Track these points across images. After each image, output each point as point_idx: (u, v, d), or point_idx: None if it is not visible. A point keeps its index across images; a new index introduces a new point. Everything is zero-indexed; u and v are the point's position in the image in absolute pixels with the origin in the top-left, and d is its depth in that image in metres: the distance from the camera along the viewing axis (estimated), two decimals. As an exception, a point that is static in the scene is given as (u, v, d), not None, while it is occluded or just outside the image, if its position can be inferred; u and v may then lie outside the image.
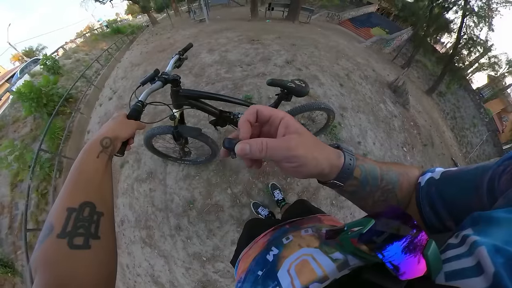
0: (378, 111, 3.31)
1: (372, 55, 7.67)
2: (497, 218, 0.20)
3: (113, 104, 4.35)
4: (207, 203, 1.99)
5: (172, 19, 10.73)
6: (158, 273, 1.95)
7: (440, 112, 10.48)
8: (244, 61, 3.65)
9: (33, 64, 11.56)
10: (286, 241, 0.44)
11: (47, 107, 5.22)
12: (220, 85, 3.06)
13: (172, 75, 0.98)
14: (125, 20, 24.83)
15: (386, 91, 4.29)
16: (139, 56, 6.46)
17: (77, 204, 0.32)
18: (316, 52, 4.34)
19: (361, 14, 15.58)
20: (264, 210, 1.82)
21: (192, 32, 7.22)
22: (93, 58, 8.25)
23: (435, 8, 10.46)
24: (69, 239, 0.29)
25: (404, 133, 3.41)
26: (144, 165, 2.48)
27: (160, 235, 2.03)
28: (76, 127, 4.96)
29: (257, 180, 2.03)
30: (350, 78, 3.73)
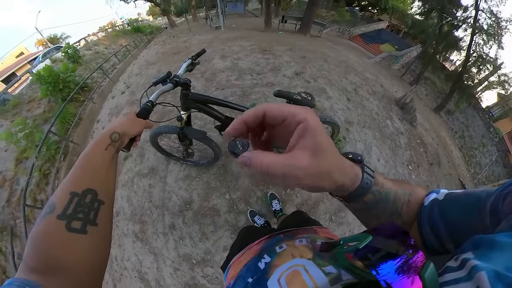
0: (384, 127, 3.21)
1: (381, 71, 7.56)
2: (499, 242, 0.19)
3: (125, 98, 4.40)
4: (204, 205, 1.95)
5: (189, 23, 11.03)
6: (146, 269, 1.91)
7: (448, 130, 10.12)
8: (255, 70, 3.66)
9: (55, 50, 11.93)
10: (279, 250, 0.43)
11: (62, 92, 5.36)
12: (229, 91, 3.07)
13: (183, 78, 0.99)
14: (145, 20, 25.50)
15: (393, 108, 4.18)
16: (155, 56, 6.61)
17: (81, 190, 0.32)
18: (326, 66, 4.31)
19: (372, 30, 15.52)
20: (260, 219, 1.77)
21: (207, 37, 7.36)
22: (112, 52, 8.52)
23: (444, 26, 10.29)
24: (67, 221, 0.29)
25: (410, 151, 3.27)
26: (147, 160, 2.48)
27: (153, 232, 1.99)
28: (87, 115, 5.06)
29: (256, 188, 1.98)
30: (357, 92, 3.66)
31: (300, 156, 0.22)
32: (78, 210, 0.31)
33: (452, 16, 9.87)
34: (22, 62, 15.25)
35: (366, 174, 0.30)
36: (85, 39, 11.76)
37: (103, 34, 13.37)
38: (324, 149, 0.23)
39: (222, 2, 10.95)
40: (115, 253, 2.13)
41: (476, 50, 9.83)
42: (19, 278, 0.24)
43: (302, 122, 0.23)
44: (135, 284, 1.91)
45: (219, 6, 9.13)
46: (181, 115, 1.17)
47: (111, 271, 2.10)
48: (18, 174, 4.34)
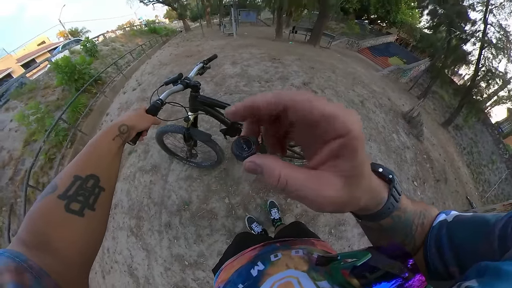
0: (390, 141, 3.12)
1: (388, 84, 7.45)
2: (505, 272, 0.18)
3: (135, 95, 4.47)
4: (202, 207, 1.91)
5: (203, 29, 11.21)
6: (136, 265, 1.87)
7: (456, 146, 9.76)
8: (263, 78, 3.67)
9: (74, 43, 12.28)
10: (274, 259, 0.41)
11: (76, 83, 5.52)
12: (237, 97, 3.08)
13: (193, 81, 0.99)
14: (162, 22, 26.21)
15: (400, 121, 4.07)
16: (168, 57, 6.73)
17: (84, 174, 0.33)
18: (333, 77, 4.28)
19: (380, 43, 15.44)
20: (258, 227, 1.71)
21: (219, 43, 7.47)
22: (128, 50, 8.78)
23: (453, 39, 10.07)
24: (67, 202, 0.29)
25: (416, 166, 3.15)
26: (150, 157, 2.48)
27: (148, 228, 1.96)
28: (98, 107, 5.16)
29: (256, 195, 1.93)
30: (364, 105, 3.60)
31: (330, 181, 0.16)
32: (79, 193, 0.31)
33: (460, 30, 9.69)
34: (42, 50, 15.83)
35: (392, 198, 0.25)
36: (104, 35, 12.15)
37: (121, 32, 13.78)
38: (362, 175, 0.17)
39: (236, 10, 11.22)
40: (108, 245, 2.11)
41: (485, 64, 9.55)
42: (10, 250, 0.24)
43: (343, 136, 0.15)
44: (123, 279, 1.87)
45: (233, 14, 9.34)
46: (188, 116, 1.18)
47: (102, 262, 2.08)
48: (24, 154, 4.43)
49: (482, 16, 8.90)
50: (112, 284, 1.93)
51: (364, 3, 16.43)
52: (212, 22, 16.09)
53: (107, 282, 1.97)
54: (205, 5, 14.89)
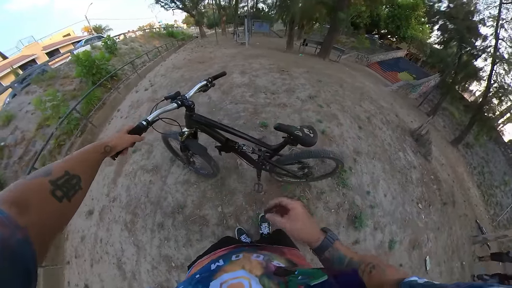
0: (396, 159, 2.98)
1: (397, 100, 7.25)
2: None
3: (146, 95, 4.57)
4: (195, 213, 1.91)
5: (218, 36, 11.43)
6: (126, 259, 1.88)
7: (466, 166, 9.26)
8: (270, 89, 3.66)
9: (97, 39, 12.73)
10: (235, 258, 0.45)
11: (94, 77, 5.70)
12: (242, 107, 3.06)
13: (188, 100, 0.98)
14: (180, 27, 26.95)
15: (407, 139, 3.91)
16: (182, 61, 6.87)
17: (73, 173, 0.40)
18: (341, 91, 4.20)
19: (390, 58, 15.21)
20: (247, 239, 1.68)
21: (231, 52, 7.58)
22: (145, 51, 9.08)
23: (463, 55, 9.72)
24: (54, 188, 0.36)
25: (422, 187, 2.98)
26: (153, 157, 2.53)
27: (142, 226, 1.98)
28: (110, 102, 5.28)
29: (249, 207, 1.91)
30: (370, 121, 3.48)
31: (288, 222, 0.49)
32: (64, 185, 0.38)
33: (471, 45, 9.40)
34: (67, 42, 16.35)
35: (327, 240, 0.47)
36: (125, 34, 12.47)
37: (141, 33, 14.19)
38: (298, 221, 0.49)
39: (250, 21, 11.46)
40: (101, 235, 2.14)
41: (497, 80, 9.08)
42: None
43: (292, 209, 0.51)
44: (111, 270, 1.89)
45: (247, 24, 9.53)
46: (182, 131, 1.19)
47: (93, 251, 2.10)
48: (36, 137, 4.58)
49: (493, 31, 8.60)
50: (99, 274, 1.95)
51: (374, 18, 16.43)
52: (227, 30, 16.49)
53: (94, 271, 2.00)
54: (221, 14, 15.34)
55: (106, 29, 23.94)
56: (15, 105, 5.39)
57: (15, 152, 4.38)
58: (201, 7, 15.43)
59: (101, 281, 1.91)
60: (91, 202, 2.75)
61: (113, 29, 24.37)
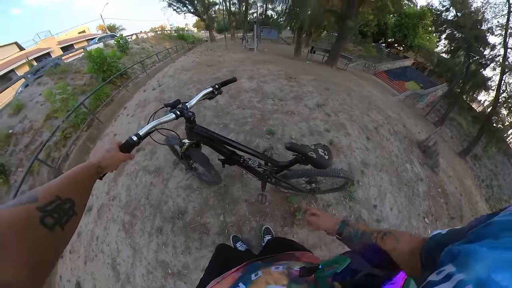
0: (403, 172, 2.90)
1: (404, 109, 7.12)
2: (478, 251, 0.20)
3: (154, 94, 4.59)
4: (196, 220, 1.86)
5: (227, 41, 11.58)
6: (121, 260, 1.83)
7: (474, 178, 8.94)
8: (278, 96, 3.65)
9: (110, 37, 13.06)
10: (255, 277, 0.43)
11: (104, 73, 5.82)
12: (249, 112, 3.04)
13: (188, 111, 0.87)
14: (190, 31, 27.72)
15: (414, 150, 3.81)
16: (191, 64, 6.92)
17: (64, 197, 0.36)
18: (348, 100, 4.16)
19: (397, 67, 15.04)
20: (242, 246, 1.62)
21: (240, 57, 7.62)
22: (156, 51, 9.26)
23: (471, 64, 9.46)
24: (43, 215, 0.31)
25: (429, 201, 2.88)
26: (156, 159, 2.49)
27: (140, 228, 1.94)
28: (118, 99, 5.36)
29: (252, 218, 1.84)
30: (378, 132, 3.42)
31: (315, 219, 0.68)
32: (55, 211, 0.33)
33: (479, 54, 9.18)
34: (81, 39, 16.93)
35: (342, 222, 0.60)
36: (137, 34, 12.83)
37: (152, 34, 14.53)
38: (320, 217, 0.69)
39: (259, 27, 11.57)
40: (98, 233, 2.10)
41: (506, 90, 8.80)
42: None
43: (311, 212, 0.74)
44: (105, 270, 1.85)
45: (256, 30, 9.63)
46: (182, 141, 1.09)
47: (88, 248, 2.07)
48: (43, 127, 4.66)
49: (502, 40, 8.39)
50: (92, 272, 1.91)
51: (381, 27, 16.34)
52: (236, 35, 16.70)
53: (88, 269, 1.96)
54: (231, 20, 15.58)
55: (120, 28, 24.70)
56: (27, 95, 5.48)
57: (21, 140, 4.44)
58: (212, 12, 15.74)
59: (93, 280, 1.87)
60: (90, 198, 2.70)
61: (126, 29, 25.19)
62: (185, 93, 4.16)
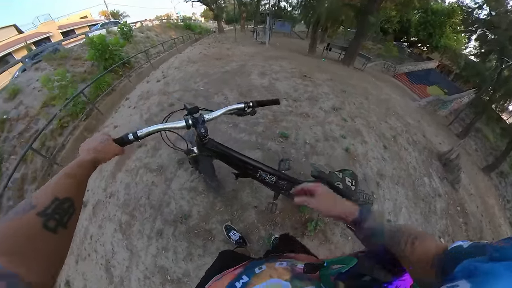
0: (420, 185, 2.94)
1: (424, 117, 7.09)
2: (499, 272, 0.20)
3: (158, 87, 4.64)
4: (200, 225, 1.86)
5: (237, 33, 11.51)
6: (115, 263, 1.82)
7: (499, 198, 8.81)
8: (291, 96, 3.72)
9: (113, 24, 13.37)
10: (258, 271, 0.45)
11: (106, 62, 5.90)
12: (261, 113, 3.06)
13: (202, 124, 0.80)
14: (198, 20, 27.75)
15: (434, 163, 3.84)
16: (197, 56, 6.97)
17: (62, 197, 0.39)
18: (366, 104, 4.21)
19: (419, 69, 14.88)
20: (236, 235, 1.69)
21: (250, 50, 7.67)
22: (161, 41, 9.32)
23: (504, 70, 9.15)
24: (45, 219, 0.34)
25: (447, 220, 2.88)
26: (159, 156, 2.47)
27: (138, 230, 1.93)
28: (120, 89, 5.44)
29: (261, 226, 1.85)
30: (396, 140, 3.47)
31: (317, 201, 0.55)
32: (56, 212, 0.36)
33: None
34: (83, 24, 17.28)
35: (363, 211, 0.48)
36: (141, 22, 13.06)
37: (157, 22, 14.73)
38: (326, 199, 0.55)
39: (272, 19, 11.60)
40: (92, 231, 2.10)
41: None
42: None
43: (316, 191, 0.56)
44: (97, 271, 1.85)
45: (268, 22, 9.66)
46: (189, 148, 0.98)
47: (80, 247, 2.08)
48: (40, 115, 4.74)
49: None
50: (83, 272, 1.92)
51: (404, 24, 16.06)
52: (246, 27, 16.77)
53: (79, 268, 1.98)
54: (241, 10, 15.67)
55: (123, 15, 25.08)
56: (23, 80, 5.58)
57: (16, 127, 4.53)
58: (221, 2, 15.85)
59: (84, 280, 1.87)
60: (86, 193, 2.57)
61: (130, 16, 25.53)
62: (191, 87, 4.24)
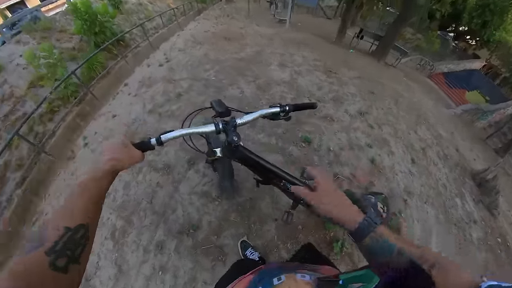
0: (452, 207, 2.96)
1: (458, 127, 6.95)
2: None
3: (161, 72, 4.40)
4: (211, 239, 1.70)
5: (250, 4, 10.54)
6: (98, 281, 1.64)
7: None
8: (315, 94, 3.73)
9: None
10: (277, 282, 0.45)
11: (96, 37, 5.55)
12: None
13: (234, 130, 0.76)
14: None
15: (467, 182, 3.81)
16: (203, 34, 6.65)
17: (74, 225, 0.37)
18: (394, 109, 4.18)
19: (461, 69, 14.30)
20: (254, 254, 1.50)
21: (267, 32, 7.35)
22: (157, 11, 8.77)
23: None
24: (53, 258, 0.33)
25: (486, 253, 2.67)
26: (165, 154, 2.36)
27: (134, 240, 1.77)
28: (116, 72, 5.17)
29: (282, 245, 1.71)
30: (425, 153, 3.48)
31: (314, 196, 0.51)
32: (67, 247, 0.35)
33: None
34: None
35: (365, 220, 0.44)
36: None
37: None
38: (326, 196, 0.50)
39: (295, -11, 10.52)
40: None
41: None
42: None
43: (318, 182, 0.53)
44: None
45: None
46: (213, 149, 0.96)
47: None
48: (27, 96, 4.62)
49: None
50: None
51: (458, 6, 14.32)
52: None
53: None
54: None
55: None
56: (5, 55, 5.47)
57: (1, 109, 4.48)
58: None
59: None
60: None
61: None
62: (201, 75, 4.16)
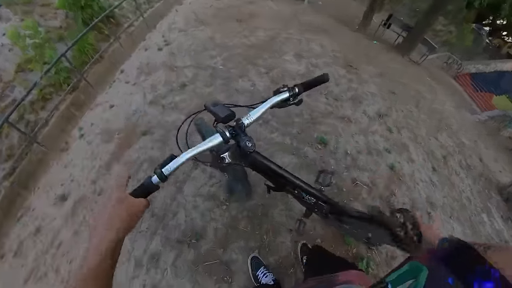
0: (479, 223, 2.88)
1: (482, 136, 6.83)
2: None
3: (161, 57, 4.19)
4: (216, 253, 1.58)
5: None
6: None
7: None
8: (333, 92, 3.70)
9: None
10: None
11: (83, 13, 5.20)
12: (296, 111, 2.96)
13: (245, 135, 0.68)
14: None
15: (493, 196, 3.72)
16: (207, 10, 6.01)
17: None
18: (415, 113, 4.16)
19: (491, 71, 13.89)
20: (267, 276, 1.36)
21: (283, 11, 6.87)
22: None
23: None
24: None
25: None
26: (169, 150, 2.30)
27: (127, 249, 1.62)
28: (109, 56, 4.91)
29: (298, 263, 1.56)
30: (447, 162, 3.48)
31: None
32: None
33: None
34: None
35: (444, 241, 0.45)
36: None
37: None
38: None
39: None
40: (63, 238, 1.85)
41: None
42: None
43: None
44: None
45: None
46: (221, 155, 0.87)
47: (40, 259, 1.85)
48: (15, 81, 4.49)
49: None
50: None
51: None
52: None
53: None
54: None
55: None
56: None
57: None
58: None
59: None
60: (69, 183, 2.43)
61: None
62: (206, 63, 3.97)
